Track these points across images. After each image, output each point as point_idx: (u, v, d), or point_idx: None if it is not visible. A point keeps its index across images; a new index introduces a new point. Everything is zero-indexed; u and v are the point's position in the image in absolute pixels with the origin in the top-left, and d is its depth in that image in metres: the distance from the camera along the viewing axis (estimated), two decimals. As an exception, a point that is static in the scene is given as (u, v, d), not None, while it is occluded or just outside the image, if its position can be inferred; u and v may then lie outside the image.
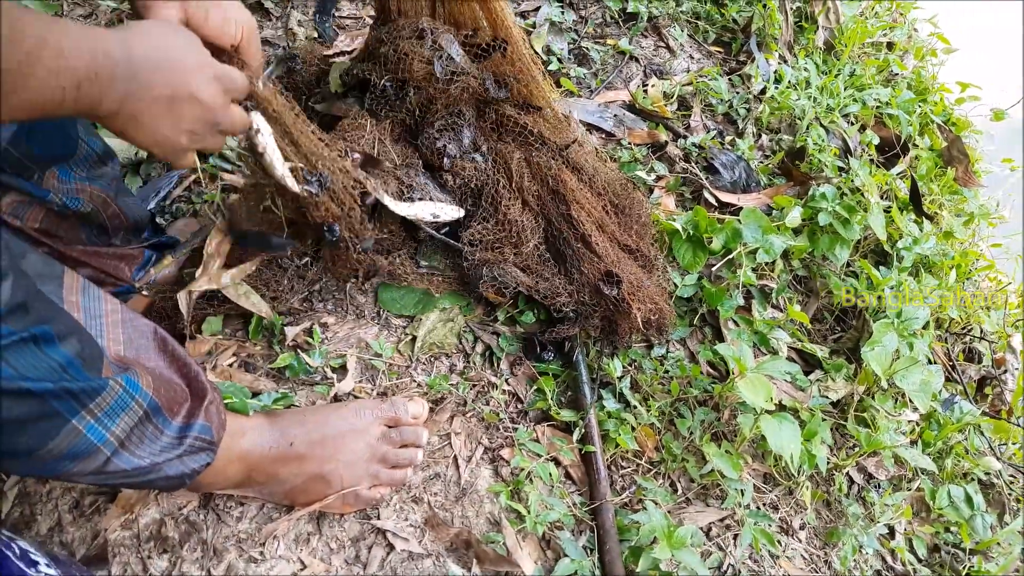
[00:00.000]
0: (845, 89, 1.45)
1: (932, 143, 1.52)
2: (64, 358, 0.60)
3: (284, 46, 1.33)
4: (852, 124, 1.46)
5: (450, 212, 1.05)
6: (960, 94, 1.68)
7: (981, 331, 1.32)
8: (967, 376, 1.29)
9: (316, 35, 1.33)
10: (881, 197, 1.37)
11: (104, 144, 0.92)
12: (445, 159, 1.06)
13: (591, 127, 1.34)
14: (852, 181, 1.22)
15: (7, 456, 0.59)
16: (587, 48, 1.40)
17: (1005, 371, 1.30)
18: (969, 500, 1.08)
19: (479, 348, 1.10)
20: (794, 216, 1.16)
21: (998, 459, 1.19)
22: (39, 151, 0.81)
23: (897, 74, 1.57)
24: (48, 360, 0.59)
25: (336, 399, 1.00)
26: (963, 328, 1.31)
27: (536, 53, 1.39)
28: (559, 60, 1.38)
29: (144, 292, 0.99)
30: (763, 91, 1.39)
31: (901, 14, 1.88)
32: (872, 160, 1.44)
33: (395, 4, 1.04)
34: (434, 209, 1.04)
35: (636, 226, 1.14)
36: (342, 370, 1.03)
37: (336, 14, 1.36)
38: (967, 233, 1.49)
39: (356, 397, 0.99)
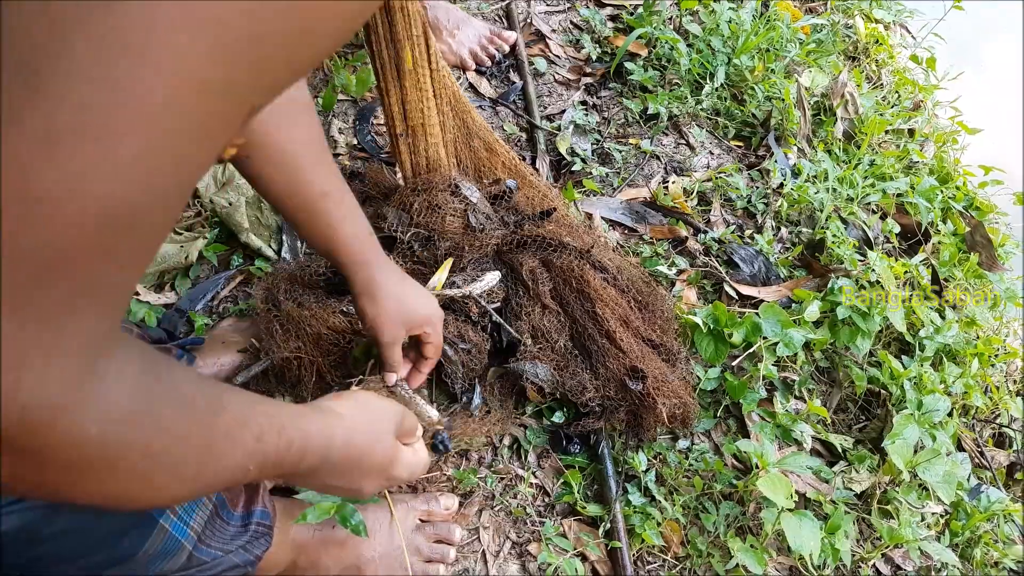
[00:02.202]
0: (865, 179, 1.50)
1: (956, 228, 1.55)
2: None
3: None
4: (873, 213, 1.50)
5: (490, 277, 1.11)
6: (984, 177, 1.71)
7: (1010, 417, 1.31)
8: (996, 462, 1.29)
9: (356, 142, 1.44)
10: (904, 285, 1.40)
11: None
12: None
13: (613, 223, 1.41)
14: (871, 274, 1.26)
15: (110, 566, 0.65)
16: (609, 148, 1.48)
17: (1036, 459, 1.29)
18: (1000, 595, 1.07)
19: (506, 441, 1.14)
20: (813, 310, 1.19)
21: (1032, 551, 1.18)
22: None
23: (917, 161, 1.61)
24: None
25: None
26: (991, 414, 1.31)
27: (561, 154, 1.48)
28: (583, 160, 1.46)
29: None
30: (782, 185, 1.44)
31: (922, 99, 1.93)
32: (894, 248, 1.47)
33: (423, 159, 1.14)
34: (477, 285, 1.10)
35: (660, 321, 1.19)
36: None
37: (374, 121, 1.47)
38: (994, 316, 1.50)
39: (387, 495, 1.04)
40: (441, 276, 1.10)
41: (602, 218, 1.38)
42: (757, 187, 1.47)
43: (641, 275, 1.22)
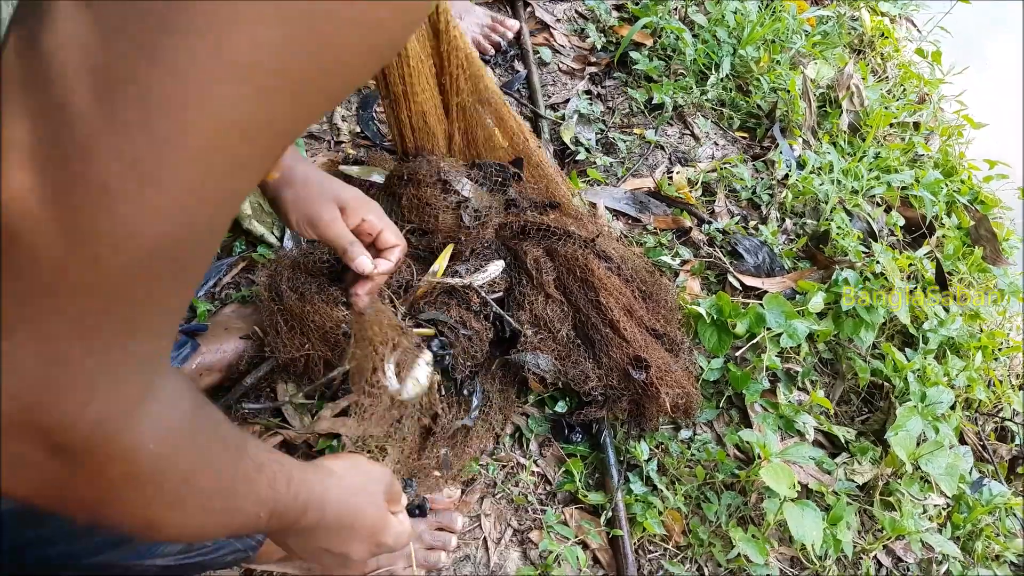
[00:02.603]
0: (870, 171, 1.49)
1: (960, 222, 1.54)
2: None
3: (329, 139, 1.43)
4: (878, 206, 1.49)
5: (493, 268, 1.10)
6: (988, 172, 1.70)
7: (1012, 411, 1.31)
8: (998, 456, 1.28)
9: (359, 130, 1.44)
10: (908, 278, 1.40)
11: None
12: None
13: (617, 213, 1.41)
14: (875, 266, 1.25)
15: (112, 547, 0.64)
16: (614, 138, 1.47)
17: (1038, 453, 1.29)
18: (1001, 587, 1.07)
19: (508, 429, 1.14)
20: (817, 301, 1.19)
21: (1033, 544, 1.17)
22: None
23: (922, 155, 1.60)
24: None
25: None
26: (994, 408, 1.31)
27: (565, 143, 1.47)
28: (587, 150, 1.45)
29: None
30: (787, 176, 1.44)
31: (928, 93, 1.92)
32: (898, 241, 1.47)
33: (411, 142, 1.12)
34: (479, 275, 1.08)
35: (663, 311, 1.18)
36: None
37: (378, 109, 1.46)
38: (998, 310, 1.50)
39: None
40: (442, 263, 1.09)
41: (606, 207, 1.37)
42: (762, 178, 1.46)
43: (645, 264, 1.22)
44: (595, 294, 1.12)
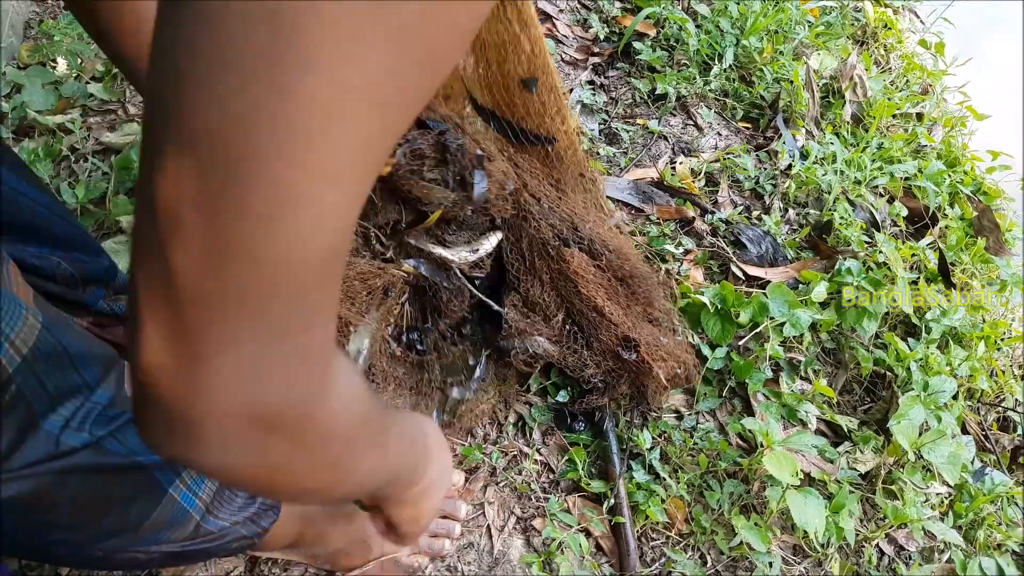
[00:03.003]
0: (873, 162, 1.49)
1: (963, 212, 1.54)
2: None
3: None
4: (881, 196, 1.49)
5: (488, 241, 1.07)
6: (991, 163, 1.70)
7: (1015, 401, 1.31)
8: (1000, 446, 1.29)
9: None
10: (910, 268, 1.40)
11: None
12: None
13: (620, 203, 1.41)
14: (878, 255, 1.25)
15: (118, 534, 0.65)
16: (617, 128, 1.47)
17: (1041, 443, 1.29)
18: (1001, 572, 1.08)
19: (511, 418, 1.14)
20: (820, 291, 1.19)
21: (1035, 533, 1.18)
22: (86, 271, 0.91)
23: (926, 145, 1.60)
24: None
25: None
26: (996, 398, 1.31)
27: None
28: (590, 140, 1.45)
29: None
30: (790, 167, 1.44)
31: (931, 84, 1.92)
32: (901, 231, 1.47)
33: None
34: (470, 249, 1.06)
35: (646, 287, 1.15)
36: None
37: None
38: (1000, 301, 1.50)
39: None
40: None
41: (608, 198, 1.37)
42: (765, 168, 1.46)
43: (625, 244, 1.18)
44: (574, 285, 1.10)
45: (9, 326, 0.53)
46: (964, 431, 1.30)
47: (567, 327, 1.11)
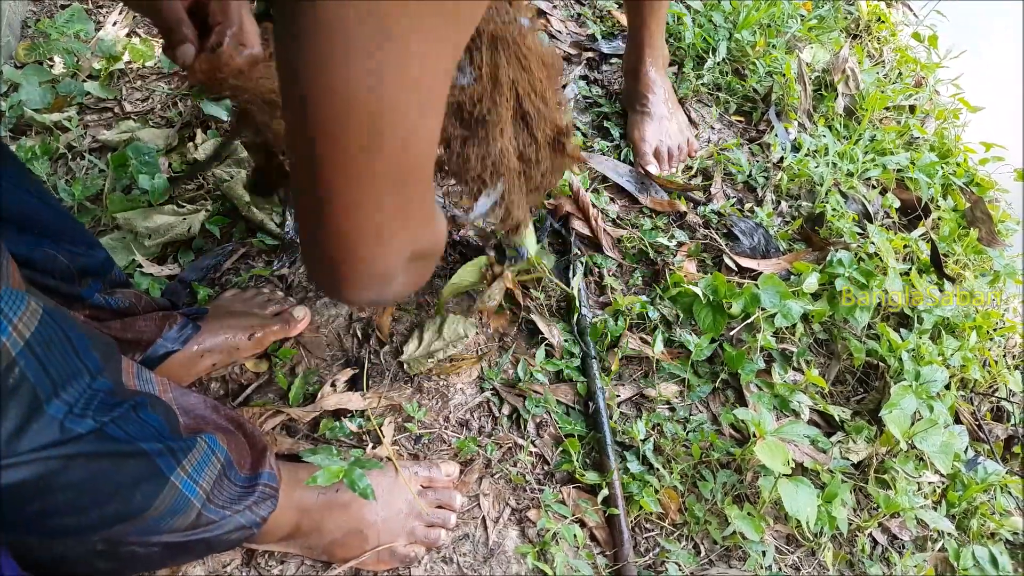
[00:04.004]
0: (866, 154, 1.50)
1: (956, 204, 1.55)
2: (158, 423, 0.69)
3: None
4: (873, 188, 1.50)
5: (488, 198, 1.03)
6: (984, 154, 1.70)
7: (1008, 391, 1.32)
8: (994, 436, 1.29)
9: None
10: (903, 259, 1.40)
11: (125, 276, 1.05)
12: None
13: (618, 190, 1.41)
14: (869, 247, 1.26)
15: (121, 520, 0.66)
16: (609, 126, 1.48)
17: (1034, 432, 1.30)
18: (994, 561, 1.08)
19: (506, 410, 1.15)
20: (811, 282, 1.20)
21: (1027, 521, 1.19)
22: (83, 263, 0.91)
23: (918, 137, 1.61)
24: (148, 426, 0.68)
25: (373, 461, 1.06)
26: (989, 388, 1.32)
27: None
28: (584, 135, 1.46)
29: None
30: (782, 159, 1.44)
31: (924, 76, 1.92)
32: (894, 223, 1.47)
33: None
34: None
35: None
36: (381, 431, 1.10)
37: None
38: (994, 291, 1.51)
39: (391, 459, 1.05)
40: None
41: (606, 178, 1.38)
42: (757, 161, 1.47)
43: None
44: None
45: (12, 310, 0.54)
46: (958, 421, 1.30)
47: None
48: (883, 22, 1.99)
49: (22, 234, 0.83)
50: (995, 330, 1.35)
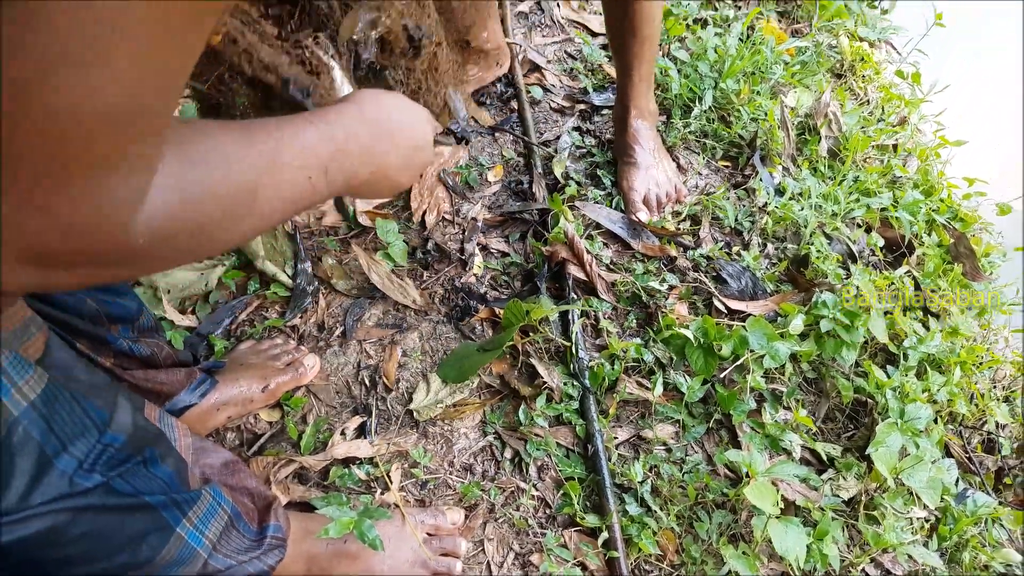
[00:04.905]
0: (850, 195, 1.55)
1: (940, 239, 1.60)
2: (167, 475, 0.74)
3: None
4: (859, 227, 1.55)
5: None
6: (967, 189, 1.76)
7: (996, 423, 1.36)
8: (985, 468, 1.33)
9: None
10: (889, 297, 1.45)
11: (155, 319, 1.10)
12: None
13: (611, 235, 1.47)
14: (852, 288, 1.31)
15: (129, 569, 0.70)
16: (601, 175, 1.54)
17: (1021, 462, 1.34)
18: (985, 596, 1.12)
19: (508, 454, 1.20)
20: (797, 324, 1.25)
21: (1018, 551, 1.22)
22: (111, 311, 0.97)
23: (900, 176, 1.66)
24: (156, 479, 0.72)
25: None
26: (978, 421, 1.36)
27: (558, 177, 1.54)
28: (577, 184, 1.52)
29: None
30: (767, 203, 1.50)
31: (908, 113, 1.98)
32: (879, 261, 1.53)
33: None
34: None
35: None
36: (388, 478, 1.15)
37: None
38: (981, 324, 1.55)
39: (399, 506, 1.10)
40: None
41: (599, 226, 1.44)
42: (744, 205, 1.52)
43: None
44: None
45: (18, 374, 0.59)
46: (948, 454, 1.34)
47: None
48: (866, 62, 2.06)
49: None
50: (979, 364, 1.39)
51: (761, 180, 1.53)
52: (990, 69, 2.55)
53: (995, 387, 1.47)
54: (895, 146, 1.77)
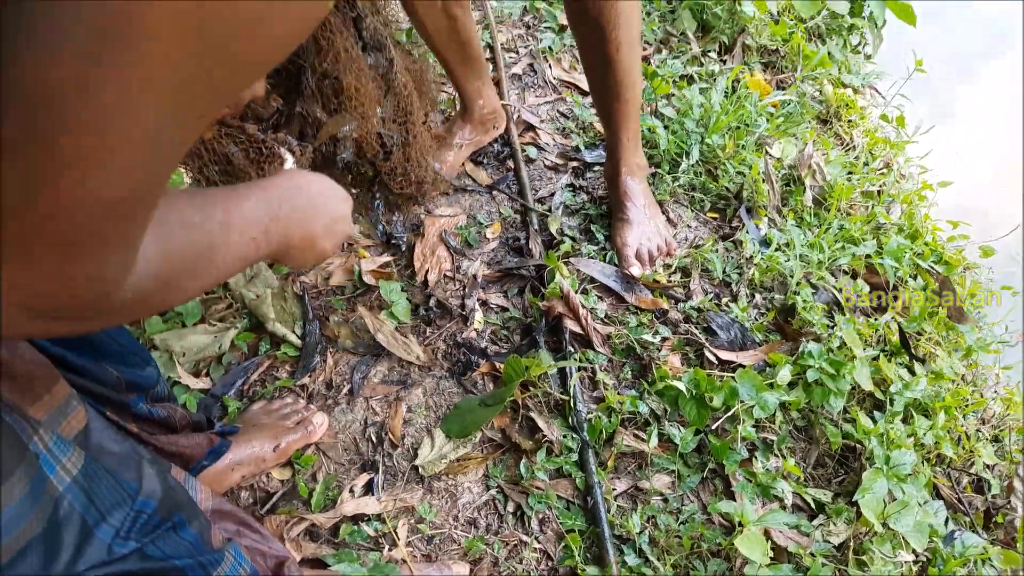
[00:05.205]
0: (836, 243, 1.62)
1: (926, 283, 1.66)
2: (193, 538, 0.80)
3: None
4: (845, 273, 1.61)
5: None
6: (951, 232, 1.82)
7: (983, 464, 1.40)
8: (974, 508, 1.37)
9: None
10: (876, 342, 1.51)
11: (169, 387, 1.17)
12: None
13: (606, 288, 1.54)
14: (836, 338, 1.37)
15: None
16: (595, 230, 1.61)
17: (1009, 501, 1.38)
18: (975, 637, 1.15)
19: (510, 507, 1.25)
20: (784, 374, 1.30)
21: (1008, 592, 1.25)
22: (129, 379, 1.04)
23: (884, 223, 1.72)
24: (184, 542, 0.79)
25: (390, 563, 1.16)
26: (966, 462, 1.40)
27: (553, 233, 1.62)
28: (572, 240, 1.59)
29: None
30: (753, 255, 1.57)
31: (893, 157, 2.05)
32: (866, 307, 1.58)
33: None
34: None
35: None
36: (396, 534, 1.20)
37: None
38: (969, 364, 1.60)
39: (407, 561, 1.15)
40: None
41: (595, 281, 1.51)
42: (732, 257, 1.59)
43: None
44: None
45: (61, 452, 0.66)
46: (938, 495, 1.39)
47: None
48: (851, 107, 2.13)
49: (82, 352, 0.96)
50: (966, 406, 1.44)
51: (747, 232, 1.60)
52: (975, 106, 2.63)
53: (984, 425, 1.51)
54: (879, 192, 1.84)
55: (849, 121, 2.12)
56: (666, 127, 1.76)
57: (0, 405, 0.62)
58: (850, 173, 1.83)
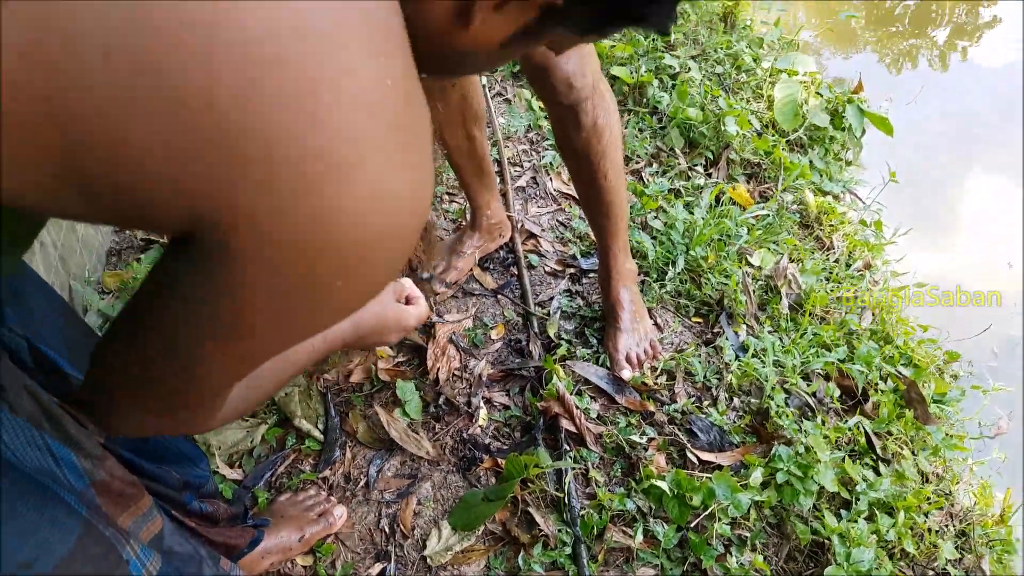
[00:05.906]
0: (810, 348, 1.77)
1: (896, 385, 1.80)
2: None
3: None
4: (819, 375, 1.77)
5: None
6: (921, 335, 1.97)
7: (947, 559, 1.52)
8: (939, 602, 1.48)
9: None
10: (847, 443, 1.65)
11: (216, 485, 1.34)
12: None
13: (599, 389, 1.70)
14: (802, 442, 1.51)
15: None
16: (589, 334, 1.79)
17: (970, 597, 1.49)
18: None
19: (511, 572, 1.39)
20: (756, 476, 1.45)
21: None
22: (187, 480, 1.21)
23: (856, 330, 1.88)
24: None
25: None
26: (928, 558, 1.52)
27: (552, 336, 1.79)
28: (568, 343, 1.76)
29: None
30: (730, 362, 1.73)
31: (872, 259, 2.22)
32: (837, 409, 1.73)
33: None
34: None
35: None
36: None
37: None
38: (938, 462, 1.73)
39: (412, 648, 1.28)
40: None
41: (586, 383, 1.67)
42: (712, 362, 1.75)
43: None
44: None
45: (146, 557, 0.82)
46: (905, 589, 1.50)
47: None
48: (830, 214, 2.32)
49: (150, 459, 1.13)
50: (929, 503, 1.56)
51: (726, 338, 1.76)
52: (947, 205, 2.82)
53: (952, 520, 1.63)
54: (856, 297, 2.00)
55: (831, 225, 2.30)
56: (654, 238, 1.95)
57: (102, 520, 0.79)
58: (828, 275, 1.99)
